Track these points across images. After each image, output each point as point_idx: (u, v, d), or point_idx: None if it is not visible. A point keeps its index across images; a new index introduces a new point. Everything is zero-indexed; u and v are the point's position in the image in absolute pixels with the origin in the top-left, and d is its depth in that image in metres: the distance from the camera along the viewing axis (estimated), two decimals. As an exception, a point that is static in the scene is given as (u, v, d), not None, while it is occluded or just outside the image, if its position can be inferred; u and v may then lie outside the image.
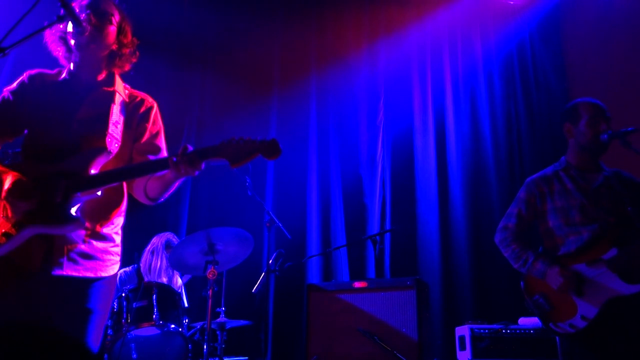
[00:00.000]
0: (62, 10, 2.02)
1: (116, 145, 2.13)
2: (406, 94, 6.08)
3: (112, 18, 2.21)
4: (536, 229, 3.06)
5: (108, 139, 2.10)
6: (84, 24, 2.11)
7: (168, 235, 4.67)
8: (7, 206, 1.97)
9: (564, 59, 5.93)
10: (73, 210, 1.98)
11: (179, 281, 4.67)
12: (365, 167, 5.89)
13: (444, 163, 5.78)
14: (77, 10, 2.11)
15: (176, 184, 2.15)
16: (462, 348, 4.06)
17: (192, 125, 5.68)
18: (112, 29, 2.21)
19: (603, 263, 2.72)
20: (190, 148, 1.98)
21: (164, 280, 4.48)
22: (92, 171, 2.04)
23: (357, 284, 4.09)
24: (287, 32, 6.22)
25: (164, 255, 4.55)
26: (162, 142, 2.30)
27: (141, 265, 4.52)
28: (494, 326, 3.99)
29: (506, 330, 3.95)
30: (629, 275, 2.65)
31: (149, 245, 4.60)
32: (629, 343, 2.62)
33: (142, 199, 2.24)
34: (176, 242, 4.63)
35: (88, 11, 2.13)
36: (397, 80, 6.14)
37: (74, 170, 2.02)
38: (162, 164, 2.01)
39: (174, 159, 1.97)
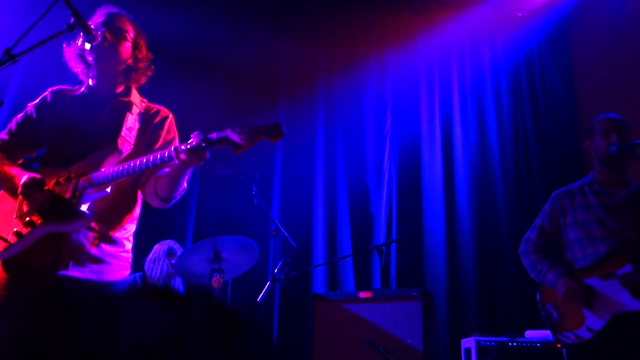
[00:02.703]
0: (72, 19, 2.04)
1: (128, 147, 2.18)
2: (413, 104, 6.08)
3: (127, 34, 2.29)
4: (559, 242, 3.13)
5: (120, 140, 2.16)
6: (99, 39, 2.18)
7: (170, 243, 4.67)
8: (24, 199, 2.03)
9: (572, 70, 5.91)
10: (83, 207, 2.01)
11: (181, 288, 4.66)
12: (371, 176, 5.88)
13: (450, 173, 5.76)
14: (93, 27, 2.18)
15: (184, 180, 2.17)
16: (468, 360, 4.03)
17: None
18: (128, 45, 2.29)
19: (616, 278, 2.75)
20: (196, 137, 1.99)
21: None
22: (103, 170, 2.08)
23: (363, 294, 4.07)
24: (295, 41, 6.24)
25: (164, 263, 4.54)
26: None
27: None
28: (501, 339, 3.96)
29: (513, 343, 3.91)
30: (638, 292, 2.69)
31: (151, 254, 4.59)
32: (631, 358, 2.68)
33: (154, 201, 2.26)
34: (178, 250, 4.63)
35: (103, 29, 2.21)
36: (405, 89, 6.14)
37: (85, 169, 2.08)
38: (168, 156, 2.03)
39: (180, 147, 1.99)
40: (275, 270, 4.32)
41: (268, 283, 4.30)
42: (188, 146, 1.97)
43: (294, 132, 6.00)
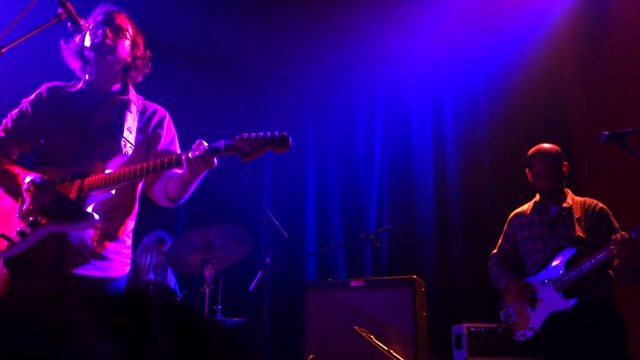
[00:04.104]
0: (59, 9, 2.02)
1: (130, 148, 2.19)
2: (404, 92, 6.08)
3: (127, 32, 2.29)
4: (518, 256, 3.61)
5: (122, 142, 2.16)
6: (100, 37, 2.20)
7: (158, 233, 4.68)
8: (26, 199, 2.03)
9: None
10: (88, 209, 2.01)
11: (173, 279, 4.68)
12: (362, 165, 5.88)
13: (441, 161, 5.78)
14: (93, 25, 2.19)
15: (195, 184, 2.19)
16: (458, 346, 4.08)
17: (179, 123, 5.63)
18: (127, 43, 2.30)
19: (551, 282, 3.23)
20: (204, 143, 2.02)
21: (154, 277, 4.48)
22: (107, 171, 2.09)
23: (354, 283, 4.10)
24: (285, 33, 6.20)
25: (154, 252, 4.55)
26: (177, 148, 2.38)
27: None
28: (490, 325, 4.00)
29: (502, 329, 3.96)
30: (568, 292, 3.16)
31: (140, 245, 4.61)
32: (563, 351, 3.14)
33: (163, 201, 2.28)
34: (168, 238, 4.65)
35: (104, 27, 2.22)
36: (395, 78, 6.13)
37: (89, 171, 2.08)
38: (175, 162, 2.05)
39: (187, 156, 2.00)
40: (267, 260, 4.34)
41: (260, 272, 4.32)
42: (197, 153, 1.98)
43: (284, 123, 5.99)
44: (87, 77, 2.30)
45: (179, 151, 2.36)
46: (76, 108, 2.24)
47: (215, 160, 2.02)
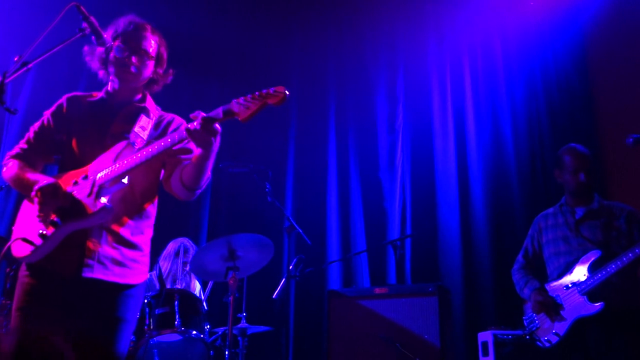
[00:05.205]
0: (83, 24, 2.05)
1: (140, 142, 2.19)
2: (425, 97, 6.04)
3: (151, 50, 2.30)
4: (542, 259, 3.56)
5: (132, 135, 2.19)
6: (125, 64, 2.23)
7: (182, 241, 4.71)
8: (36, 203, 2.07)
9: (585, 60, 5.84)
10: (103, 200, 2.04)
11: (197, 286, 4.70)
12: (384, 171, 5.86)
13: (464, 166, 5.73)
14: (118, 43, 2.22)
15: (209, 166, 2.15)
16: (485, 354, 4.02)
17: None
18: (151, 63, 2.31)
19: (575, 286, 3.19)
20: (202, 113, 2.00)
21: (181, 285, 4.51)
22: (117, 164, 2.10)
23: (378, 290, 4.07)
24: (305, 36, 6.22)
25: (173, 262, 4.59)
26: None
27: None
28: (518, 332, 3.94)
29: (530, 336, 3.89)
30: (594, 296, 3.11)
31: (164, 251, 4.64)
32: (590, 357, 3.11)
33: (181, 192, 2.24)
34: (191, 247, 4.67)
35: (126, 53, 2.23)
36: (416, 83, 6.10)
37: (101, 166, 2.11)
38: (179, 138, 2.04)
39: (188, 128, 1.99)
40: (290, 267, 4.33)
41: (283, 280, 4.32)
42: (196, 123, 1.97)
43: (305, 129, 6.00)
44: (108, 87, 2.33)
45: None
46: (95, 117, 2.27)
47: (217, 126, 2.00)
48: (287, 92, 1.93)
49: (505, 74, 5.96)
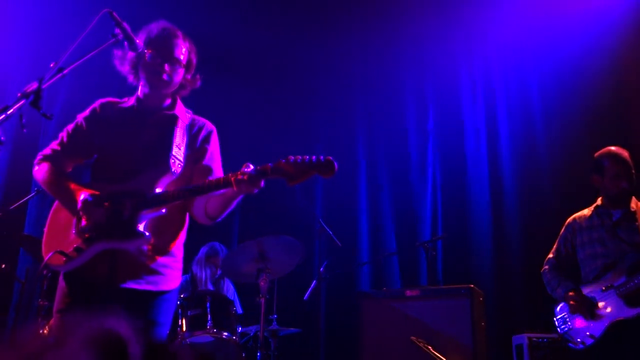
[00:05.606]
0: (116, 30, 2.08)
1: (179, 166, 2.23)
2: (455, 98, 5.99)
3: (182, 57, 2.31)
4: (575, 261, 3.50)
5: (172, 160, 2.20)
6: (157, 72, 2.25)
7: (212, 244, 4.77)
8: (82, 216, 2.09)
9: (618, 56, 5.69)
10: (140, 227, 2.06)
11: (230, 289, 4.74)
12: (415, 172, 5.82)
13: (495, 167, 5.66)
14: (151, 51, 2.24)
15: (235, 202, 2.20)
16: (520, 357, 3.96)
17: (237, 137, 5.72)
18: (182, 70, 2.33)
19: (613, 289, 3.12)
20: (251, 166, 2.04)
21: (211, 287, 4.57)
22: (157, 190, 2.14)
23: (409, 292, 4.04)
24: (332, 39, 6.22)
25: (208, 263, 4.65)
26: (219, 164, 2.40)
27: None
28: (553, 335, 3.86)
29: (561, 337, 3.81)
30: (632, 300, 3.05)
31: (197, 256, 4.72)
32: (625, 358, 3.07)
33: (202, 219, 2.31)
34: (220, 250, 4.72)
35: (158, 60, 2.25)
36: (446, 84, 6.05)
37: (140, 190, 2.13)
38: (224, 183, 2.07)
39: (236, 178, 2.02)
40: (321, 269, 4.34)
41: (314, 282, 4.32)
42: (244, 177, 2.01)
43: (334, 131, 6.00)
44: (139, 92, 2.35)
45: (220, 166, 2.40)
46: (126, 125, 2.29)
47: (262, 182, 2.04)
48: (337, 167, 2.01)
49: (538, 73, 5.86)
